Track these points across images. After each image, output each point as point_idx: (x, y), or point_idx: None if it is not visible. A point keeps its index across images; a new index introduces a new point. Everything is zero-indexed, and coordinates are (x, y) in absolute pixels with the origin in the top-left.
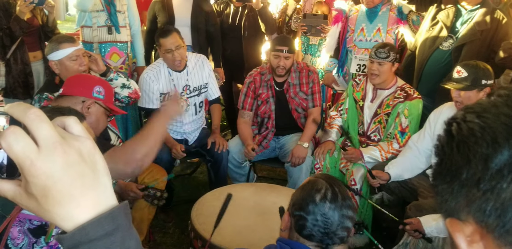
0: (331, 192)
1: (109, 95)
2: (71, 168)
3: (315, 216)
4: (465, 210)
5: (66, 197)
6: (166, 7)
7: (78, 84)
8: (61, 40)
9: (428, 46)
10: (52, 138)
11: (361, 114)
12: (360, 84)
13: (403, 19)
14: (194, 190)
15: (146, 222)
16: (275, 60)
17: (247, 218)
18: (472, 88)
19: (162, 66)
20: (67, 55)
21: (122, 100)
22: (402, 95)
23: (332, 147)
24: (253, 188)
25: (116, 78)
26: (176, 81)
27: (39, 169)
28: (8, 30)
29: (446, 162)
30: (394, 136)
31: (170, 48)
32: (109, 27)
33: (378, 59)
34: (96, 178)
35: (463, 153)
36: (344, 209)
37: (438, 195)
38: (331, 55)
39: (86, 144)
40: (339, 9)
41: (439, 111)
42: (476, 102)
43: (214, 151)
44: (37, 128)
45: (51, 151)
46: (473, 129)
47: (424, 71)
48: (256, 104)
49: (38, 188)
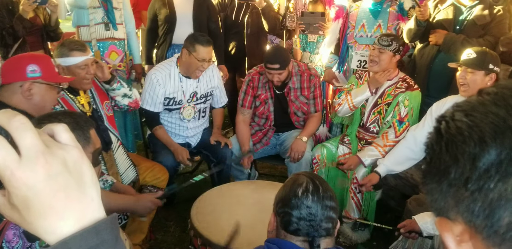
0: (312, 185)
1: (47, 69)
2: (54, 179)
3: (299, 210)
4: (454, 209)
5: (48, 209)
6: (167, 4)
7: (10, 70)
8: (73, 48)
9: (431, 47)
10: (35, 147)
11: (364, 106)
12: (363, 78)
13: (404, 15)
14: (196, 188)
15: (147, 220)
16: (269, 75)
17: (248, 216)
18: (479, 69)
19: (173, 70)
20: (76, 63)
21: (121, 107)
22: (404, 85)
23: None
24: (254, 185)
25: (119, 88)
26: (185, 88)
27: (19, 179)
28: (11, 29)
29: (435, 161)
30: (392, 124)
31: (205, 58)
32: (106, 23)
33: (379, 46)
34: (82, 189)
35: (451, 152)
36: (326, 200)
37: (428, 194)
38: (332, 52)
39: (73, 154)
40: (340, 6)
41: (443, 102)
42: (465, 100)
43: (217, 151)
44: (20, 136)
45: (33, 161)
46: (461, 128)
47: (432, 73)
48: (255, 103)
49: (20, 199)
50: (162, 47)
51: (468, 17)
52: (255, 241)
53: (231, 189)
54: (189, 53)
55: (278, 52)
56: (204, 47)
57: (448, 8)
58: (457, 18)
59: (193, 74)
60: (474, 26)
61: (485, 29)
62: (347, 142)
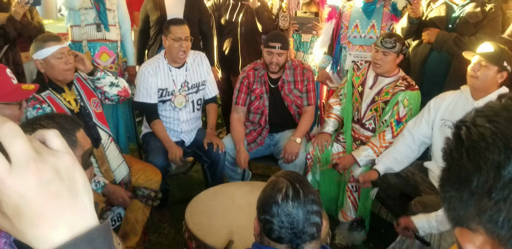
0: (292, 190)
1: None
2: (45, 186)
3: (280, 218)
4: (476, 219)
5: (40, 218)
6: (158, 6)
7: None
8: (46, 39)
9: (424, 46)
10: (26, 154)
11: (358, 101)
12: (361, 70)
13: (397, 15)
14: (189, 189)
15: (140, 222)
16: (268, 56)
17: (242, 218)
18: (494, 63)
19: (161, 62)
20: (52, 53)
21: (112, 99)
22: (404, 84)
23: (328, 139)
24: (248, 186)
25: (103, 77)
26: (175, 77)
27: (10, 187)
28: (2, 31)
29: (455, 168)
30: (389, 124)
31: (180, 36)
32: (98, 25)
33: (383, 49)
34: (74, 197)
35: (473, 159)
36: (307, 204)
37: (445, 202)
38: (325, 52)
39: (64, 160)
40: (333, 6)
41: (441, 98)
42: (487, 105)
43: (210, 152)
44: (10, 143)
45: (23, 168)
46: (484, 134)
47: (426, 71)
48: (249, 99)
49: (10, 207)
50: (153, 47)
51: (460, 15)
52: (250, 243)
53: (225, 190)
54: (167, 38)
55: (280, 34)
56: (177, 26)
57: (441, 6)
58: (450, 16)
59: (177, 56)
60: (466, 24)
61: (477, 27)
62: (342, 140)
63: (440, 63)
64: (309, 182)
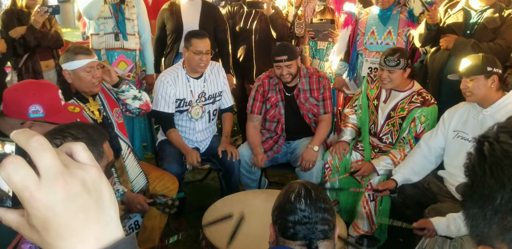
0: (304, 189)
1: (51, 108)
2: (73, 199)
3: (294, 214)
4: (499, 238)
5: (68, 230)
6: (175, 14)
7: (11, 105)
8: (77, 51)
9: (442, 52)
10: (54, 167)
11: (374, 114)
12: (375, 81)
13: (414, 21)
14: (206, 197)
15: (157, 230)
16: (278, 70)
17: (259, 226)
18: (478, 73)
19: (180, 72)
20: (82, 66)
21: (133, 111)
22: (419, 100)
23: (346, 148)
24: (264, 194)
25: (128, 90)
26: (193, 88)
27: (39, 200)
28: (23, 40)
29: (478, 185)
30: (408, 141)
31: (201, 50)
32: (116, 34)
33: (387, 67)
34: (101, 209)
35: (496, 176)
36: (318, 202)
37: (468, 219)
38: (342, 59)
39: (91, 173)
40: (349, 12)
41: (454, 109)
42: (510, 121)
43: (225, 160)
44: (38, 156)
45: (52, 181)
46: (508, 151)
47: (443, 77)
48: (264, 108)
49: (39, 220)
50: (170, 55)
51: (479, 21)
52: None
53: (241, 198)
54: (187, 49)
55: (285, 45)
56: (198, 39)
57: (458, 12)
58: (468, 22)
59: (197, 68)
60: (484, 30)
61: (495, 33)
62: (360, 148)
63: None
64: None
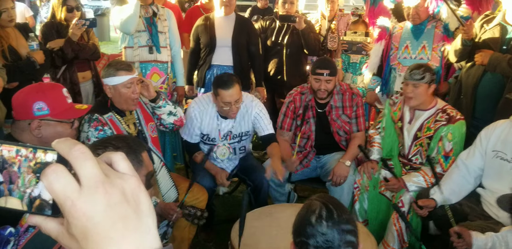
0: (325, 210)
1: (56, 104)
2: (113, 209)
3: (315, 238)
4: None
5: (107, 240)
6: (209, 28)
7: (18, 107)
8: (119, 67)
9: (477, 67)
10: (95, 176)
11: (400, 135)
12: (397, 104)
13: (449, 36)
14: (235, 209)
15: (186, 241)
16: (316, 83)
17: (287, 239)
18: None
19: (210, 107)
20: (122, 82)
21: (167, 126)
22: (444, 117)
23: (374, 166)
24: (293, 208)
25: (164, 105)
26: (221, 127)
27: (80, 210)
28: (61, 52)
29: None
30: (438, 161)
31: (230, 102)
32: (150, 47)
33: (412, 81)
34: (139, 219)
35: None
36: (342, 224)
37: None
38: (374, 73)
39: (131, 183)
40: (383, 27)
41: (492, 128)
42: None
43: (255, 176)
44: (80, 166)
45: (93, 191)
46: None
47: (478, 94)
48: (295, 124)
49: (79, 229)
50: (202, 68)
51: None
52: None
53: (270, 211)
54: (216, 97)
55: (328, 59)
56: (226, 91)
57: (495, 27)
58: (504, 38)
59: (227, 116)
60: None
61: None
62: (390, 166)
63: (493, 86)
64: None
